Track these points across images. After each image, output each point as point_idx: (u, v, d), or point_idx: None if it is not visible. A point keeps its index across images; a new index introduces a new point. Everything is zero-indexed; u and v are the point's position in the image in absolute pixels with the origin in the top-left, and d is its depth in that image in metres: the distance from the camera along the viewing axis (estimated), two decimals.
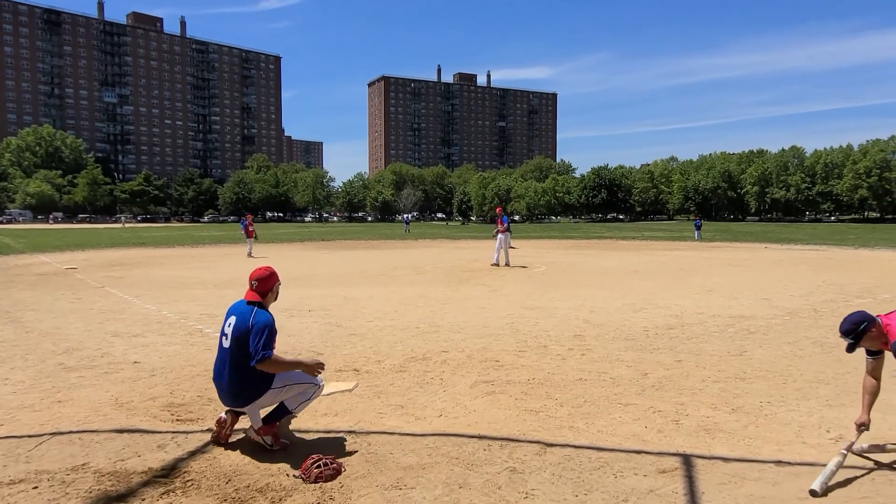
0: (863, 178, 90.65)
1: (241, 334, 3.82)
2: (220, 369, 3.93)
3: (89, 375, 5.78)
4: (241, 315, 3.90)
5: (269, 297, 4.06)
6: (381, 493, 3.27)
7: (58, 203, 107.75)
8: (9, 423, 4.41)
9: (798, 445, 3.96)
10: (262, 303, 3.99)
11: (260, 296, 3.99)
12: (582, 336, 7.60)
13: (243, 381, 3.82)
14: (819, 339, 7.37)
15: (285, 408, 4.00)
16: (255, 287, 4.01)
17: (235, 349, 3.83)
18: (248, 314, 3.89)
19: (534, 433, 4.17)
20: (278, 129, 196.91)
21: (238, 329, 3.84)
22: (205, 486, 3.38)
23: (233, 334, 3.86)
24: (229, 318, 3.97)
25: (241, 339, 3.82)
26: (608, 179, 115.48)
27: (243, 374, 3.81)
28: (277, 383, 3.92)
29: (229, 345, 3.86)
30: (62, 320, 8.92)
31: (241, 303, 4.01)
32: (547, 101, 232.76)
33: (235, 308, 4.01)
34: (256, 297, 3.98)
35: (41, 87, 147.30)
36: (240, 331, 3.83)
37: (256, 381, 3.84)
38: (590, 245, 32.15)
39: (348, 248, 29.53)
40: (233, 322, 3.90)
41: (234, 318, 3.92)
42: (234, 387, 3.85)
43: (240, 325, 3.85)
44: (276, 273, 4.13)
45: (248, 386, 3.84)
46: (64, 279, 14.89)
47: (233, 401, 3.92)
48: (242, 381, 3.82)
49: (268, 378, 3.87)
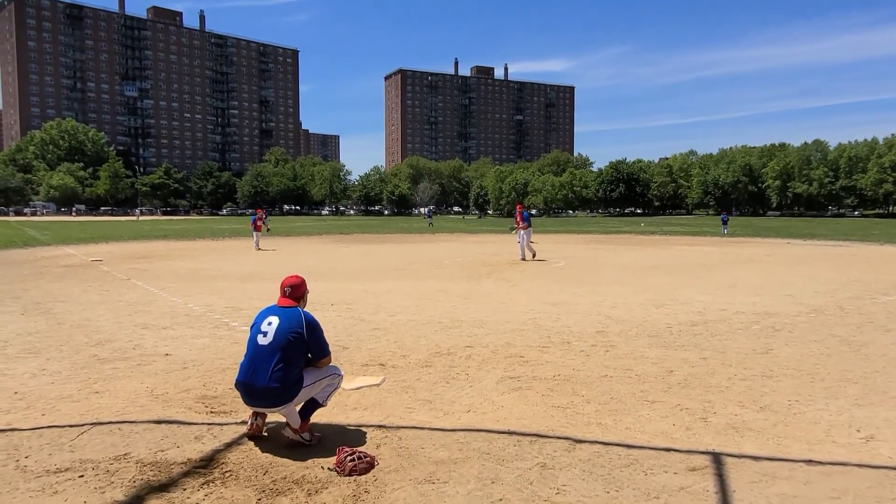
0: (888, 172, 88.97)
1: (294, 333, 3.88)
2: (255, 369, 3.84)
3: (123, 367, 5.92)
4: (288, 315, 3.96)
5: (301, 304, 4.16)
6: (415, 486, 3.34)
7: (80, 196, 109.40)
8: (50, 413, 4.55)
9: (829, 445, 3.96)
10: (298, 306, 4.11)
11: (294, 301, 4.09)
12: (605, 332, 7.61)
13: (285, 383, 3.82)
14: (846, 337, 7.31)
15: (315, 401, 4.08)
16: (288, 293, 4.10)
17: (283, 348, 3.83)
18: (297, 315, 3.97)
19: (562, 429, 4.21)
20: (296, 122, 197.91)
21: (289, 328, 3.88)
22: (243, 476, 3.47)
23: (278, 333, 3.87)
24: (267, 317, 3.99)
25: (292, 338, 3.87)
26: (626, 174, 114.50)
27: (286, 377, 3.82)
28: (308, 380, 3.99)
29: (270, 342, 3.85)
30: (92, 312, 9.11)
31: (275, 306, 4.09)
32: (564, 94, 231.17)
33: (274, 310, 4.04)
34: (291, 302, 4.08)
35: (63, 81, 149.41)
36: (291, 330, 3.88)
37: (296, 381, 3.89)
38: (608, 240, 32.00)
39: (366, 242, 29.68)
40: (275, 322, 3.92)
41: (275, 318, 3.95)
42: (275, 390, 3.79)
43: (291, 325, 3.90)
44: (305, 282, 4.24)
45: (289, 386, 3.85)
46: (90, 271, 15.18)
47: (270, 402, 3.86)
48: (284, 382, 3.81)
49: (302, 378, 3.94)
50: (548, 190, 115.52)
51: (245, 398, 3.96)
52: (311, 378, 4.02)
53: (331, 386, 4.13)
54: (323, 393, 4.10)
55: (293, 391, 3.89)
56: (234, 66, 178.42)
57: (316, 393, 4.07)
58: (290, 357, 3.86)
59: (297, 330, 3.90)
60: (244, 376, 3.90)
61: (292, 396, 3.89)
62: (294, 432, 3.94)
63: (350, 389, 5.14)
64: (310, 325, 3.97)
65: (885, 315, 8.82)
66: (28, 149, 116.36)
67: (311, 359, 4.04)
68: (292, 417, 3.97)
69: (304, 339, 3.93)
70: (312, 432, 4.03)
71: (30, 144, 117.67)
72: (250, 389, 3.87)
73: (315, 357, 4.04)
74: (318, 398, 4.09)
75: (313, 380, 4.02)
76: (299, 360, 3.94)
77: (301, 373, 3.95)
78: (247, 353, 3.98)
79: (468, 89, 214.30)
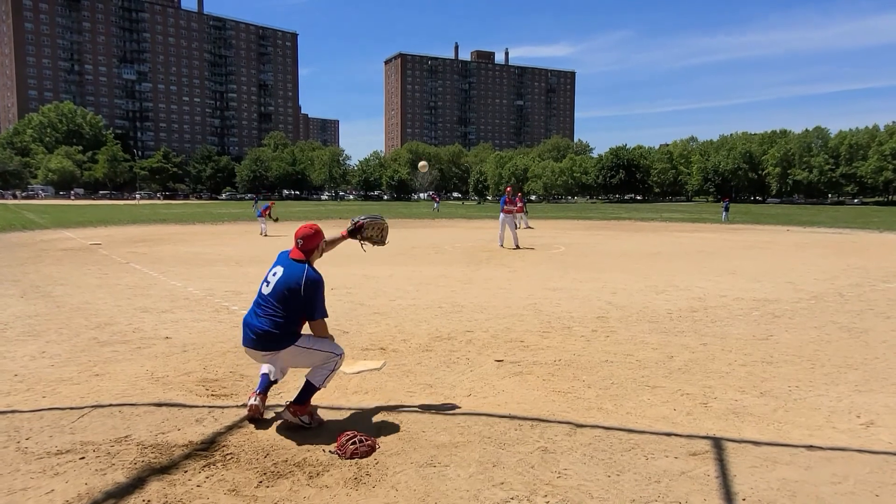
0: (888, 159, 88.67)
1: (290, 288, 3.90)
2: (255, 313, 3.98)
3: (123, 350, 5.92)
4: (292, 270, 3.97)
5: (315, 256, 4.13)
6: (416, 470, 3.34)
7: (79, 179, 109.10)
8: (51, 396, 4.54)
9: (829, 430, 3.96)
10: (309, 261, 4.06)
11: (306, 254, 4.06)
12: (605, 318, 7.61)
13: (277, 329, 3.88)
14: (846, 323, 7.31)
15: (312, 384, 4.00)
16: (300, 245, 4.07)
17: (279, 300, 3.90)
18: (299, 271, 3.96)
19: (563, 414, 4.21)
20: (295, 106, 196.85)
21: (286, 283, 3.92)
22: (244, 459, 3.47)
23: (277, 285, 3.93)
24: (275, 267, 4.05)
25: (288, 293, 3.89)
26: (626, 160, 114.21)
27: (279, 324, 3.89)
28: (303, 343, 3.96)
29: (270, 292, 3.95)
30: (91, 295, 9.10)
31: (287, 256, 4.09)
32: (565, 79, 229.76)
33: (284, 260, 4.07)
34: (302, 255, 4.06)
35: (61, 64, 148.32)
36: (287, 285, 3.91)
37: (287, 333, 3.93)
38: (608, 226, 31.96)
39: None
40: (279, 273, 3.98)
41: (281, 270, 3.99)
42: (266, 332, 3.89)
43: (289, 280, 3.92)
44: (322, 231, 4.20)
45: (279, 336, 3.90)
46: (89, 255, 15.15)
47: (260, 345, 3.94)
48: (276, 328, 3.88)
49: (296, 334, 3.97)
50: (548, 176, 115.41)
51: (243, 338, 4.04)
52: (307, 342, 3.97)
53: (327, 368, 4.00)
54: (319, 375, 3.99)
55: (284, 342, 3.92)
56: (233, 50, 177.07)
57: (311, 373, 4.00)
58: (287, 310, 3.90)
59: (293, 286, 3.90)
60: (247, 316, 4.05)
61: (281, 346, 3.92)
62: (292, 415, 3.93)
63: (351, 374, 5.14)
64: (309, 282, 3.93)
65: (886, 302, 8.82)
66: (26, 132, 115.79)
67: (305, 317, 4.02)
68: (275, 371, 4.06)
69: (301, 296, 3.90)
70: (313, 416, 4.01)
71: (27, 127, 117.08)
72: (248, 328, 3.99)
73: (307, 316, 3.98)
74: (315, 381, 3.99)
75: (308, 345, 3.97)
76: (296, 315, 3.95)
77: (298, 329, 3.98)
78: (256, 297, 4.10)
79: (468, 74, 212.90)
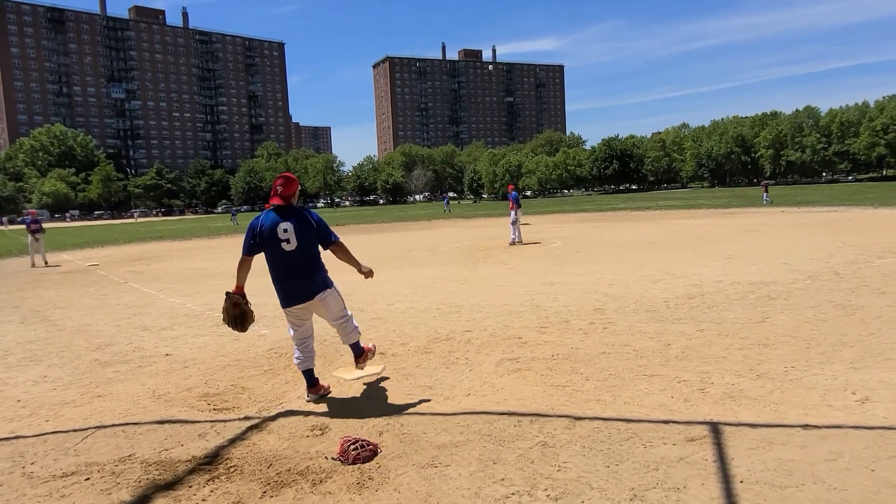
0: (880, 135, 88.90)
1: (310, 230, 4.35)
2: (291, 272, 4.35)
3: (124, 370, 5.95)
4: (298, 217, 4.35)
5: (294, 201, 4.49)
6: (418, 471, 3.38)
7: (73, 201, 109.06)
8: (54, 420, 4.58)
9: (824, 409, 4.01)
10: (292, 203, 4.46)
11: (286, 200, 4.39)
12: (602, 310, 7.65)
13: (318, 270, 4.45)
14: (841, 302, 7.36)
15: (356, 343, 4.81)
16: (280, 192, 4.38)
17: (307, 246, 4.35)
18: (304, 215, 4.39)
19: (562, 408, 4.25)
20: (286, 115, 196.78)
21: (303, 228, 4.32)
22: (247, 471, 3.51)
23: (299, 234, 4.30)
24: (280, 225, 4.29)
25: (310, 235, 4.35)
26: (619, 150, 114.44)
27: (317, 264, 4.44)
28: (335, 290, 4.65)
29: (296, 245, 4.30)
30: (91, 317, 9.13)
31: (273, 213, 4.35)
32: (554, 73, 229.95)
33: (279, 216, 4.33)
34: (282, 201, 4.38)
35: (49, 87, 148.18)
36: (306, 228, 4.33)
37: (322, 268, 4.51)
38: (604, 217, 32.02)
39: (363, 232, 29.67)
40: (290, 228, 4.29)
41: (288, 224, 4.29)
42: (312, 275, 4.40)
43: (303, 225, 4.33)
44: (297, 181, 4.60)
45: (324, 272, 4.51)
46: (87, 276, 15.18)
47: (314, 288, 4.42)
48: (317, 269, 4.44)
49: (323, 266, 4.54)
50: (542, 171, 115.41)
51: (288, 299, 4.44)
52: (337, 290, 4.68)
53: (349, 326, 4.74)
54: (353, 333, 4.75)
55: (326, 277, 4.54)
56: (221, 62, 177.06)
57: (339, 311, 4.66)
58: (314, 248, 4.43)
59: (307, 226, 4.35)
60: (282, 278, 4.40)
61: (328, 283, 4.53)
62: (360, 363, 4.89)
63: (351, 379, 5.18)
64: (314, 215, 4.43)
65: (880, 278, 8.87)
66: (18, 156, 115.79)
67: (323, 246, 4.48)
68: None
69: (314, 228, 4.37)
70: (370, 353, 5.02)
71: (19, 152, 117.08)
72: (291, 288, 4.41)
73: (325, 243, 4.44)
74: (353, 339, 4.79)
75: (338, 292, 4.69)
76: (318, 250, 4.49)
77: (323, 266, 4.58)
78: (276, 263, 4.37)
79: (457, 73, 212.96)
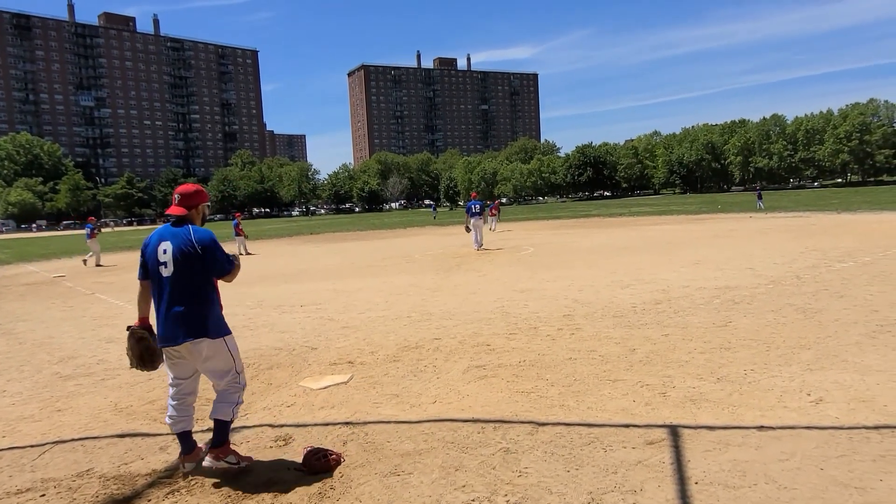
0: (843, 142, 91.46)
1: (188, 254, 3.51)
2: (166, 301, 3.52)
3: (87, 383, 5.85)
4: (179, 237, 3.56)
5: (195, 215, 3.73)
6: (380, 479, 3.38)
7: (40, 211, 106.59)
8: (10, 435, 4.48)
9: (780, 410, 4.11)
10: (188, 218, 3.68)
11: (185, 209, 3.67)
12: (571, 315, 7.74)
13: (197, 306, 3.54)
14: (801, 305, 7.55)
15: (222, 421, 3.65)
16: (178, 201, 3.68)
17: (183, 271, 3.51)
18: (186, 234, 3.56)
19: (526, 414, 4.29)
20: (260, 123, 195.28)
21: (181, 250, 3.51)
22: (209, 484, 3.47)
23: (175, 257, 3.50)
24: (160, 245, 3.56)
25: (188, 260, 3.51)
26: (593, 157, 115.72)
27: (197, 299, 3.55)
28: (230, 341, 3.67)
29: (173, 271, 3.51)
30: (55, 329, 8.94)
31: (166, 227, 3.65)
32: (528, 81, 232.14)
33: (164, 234, 3.60)
34: (181, 210, 3.66)
35: (15, 94, 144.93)
36: (184, 251, 3.51)
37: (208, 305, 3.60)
38: (578, 224, 32.35)
39: (337, 241, 29.53)
40: (169, 248, 3.52)
41: (168, 244, 3.54)
42: (185, 314, 3.50)
43: (182, 246, 3.52)
44: (206, 193, 3.89)
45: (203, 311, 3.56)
46: (53, 288, 14.84)
47: (185, 331, 3.49)
48: (195, 305, 3.53)
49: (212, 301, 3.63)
50: (517, 178, 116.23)
51: (159, 335, 3.59)
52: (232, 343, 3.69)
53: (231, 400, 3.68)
54: (227, 408, 3.66)
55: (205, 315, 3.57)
56: (193, 70, 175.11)
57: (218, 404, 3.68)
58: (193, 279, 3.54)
59: (190, 251, 3.52)
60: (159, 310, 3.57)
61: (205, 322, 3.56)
62: (215, 458, 3.58)
63: (318, 389, 5.16)
64: (203, 243, 3.56)
65: (840, 282, 9.12)
66: None
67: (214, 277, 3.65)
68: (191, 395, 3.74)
69: (200, 256, 3.53)
70: (239, 454, 3.67)
71: None
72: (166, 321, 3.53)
73: (214, 274, 3.62)
74: (224, 416, 3.65)
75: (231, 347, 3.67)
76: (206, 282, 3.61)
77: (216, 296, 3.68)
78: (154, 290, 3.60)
79: (432, 81, 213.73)
